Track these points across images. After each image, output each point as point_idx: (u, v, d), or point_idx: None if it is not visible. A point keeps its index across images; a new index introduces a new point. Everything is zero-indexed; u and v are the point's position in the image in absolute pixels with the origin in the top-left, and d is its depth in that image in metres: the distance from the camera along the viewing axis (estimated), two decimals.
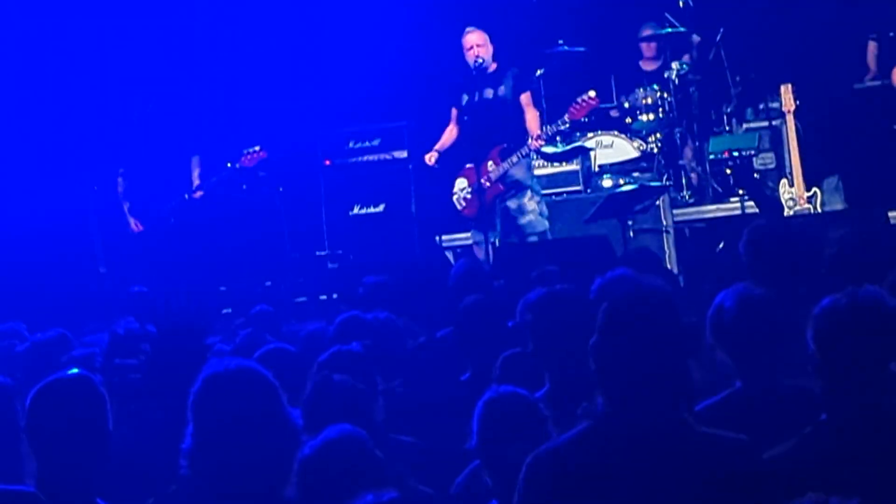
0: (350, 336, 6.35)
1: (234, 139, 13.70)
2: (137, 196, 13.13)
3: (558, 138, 12.83)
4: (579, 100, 12.32)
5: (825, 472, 4.09)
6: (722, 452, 4.02)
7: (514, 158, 12.40)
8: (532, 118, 12.43)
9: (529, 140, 12.26)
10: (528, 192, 12.36)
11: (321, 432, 4.41)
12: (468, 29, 12.33)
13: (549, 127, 12.44)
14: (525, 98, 12.40)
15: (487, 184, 12.24)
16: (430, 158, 12.62)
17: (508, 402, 4.78)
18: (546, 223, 12.35)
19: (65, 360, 5.90)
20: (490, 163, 12.32)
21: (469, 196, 12.34)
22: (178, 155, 13.16)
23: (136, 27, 13.94)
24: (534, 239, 12.20)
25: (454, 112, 12.61)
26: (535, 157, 12.98)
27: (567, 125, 12.44)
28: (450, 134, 12.69)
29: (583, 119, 12.64)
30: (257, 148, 12.96)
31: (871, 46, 13.44)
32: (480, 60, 12.19)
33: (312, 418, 4.68)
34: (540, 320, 5.53)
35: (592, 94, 12.24)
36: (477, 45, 12.24)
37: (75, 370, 4.52)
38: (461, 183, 12.49)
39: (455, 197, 12.54)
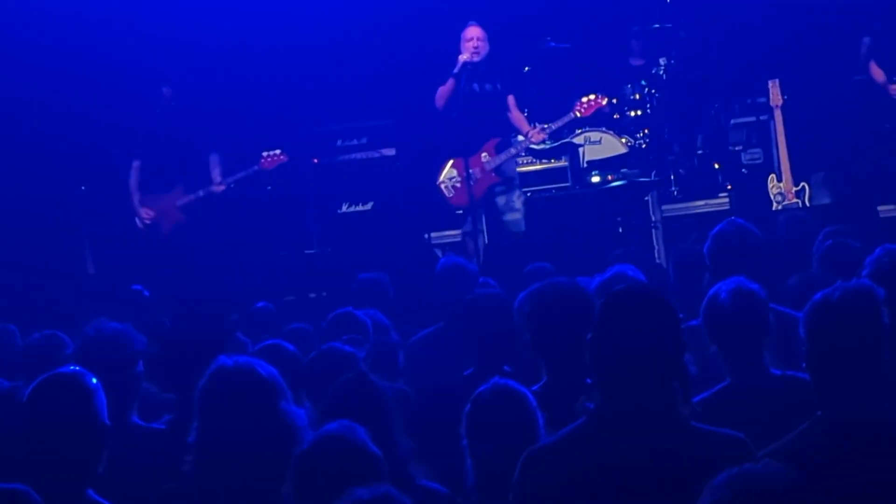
0: (342, 332, 6.34)
1: (222, 138, 13.69)
2: (152, 188, 13.10)
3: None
4: (584, 99, 12.36)
5: (823, 469, 4.06)
6: (718, 450, 4.00)
7: (513, 151, 12.42)
8: (519, 118, 12.46)
9: (530, 133, 12.24)
10: (517, 191, 12.37)
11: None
12: (471, 22, 12.33)
13: (552, 123, 12.46)
14: (511, 100, 12.41)
15: (481, 174, 12.22)
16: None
17: (498, 397, 4.76)
18: (524, 224, 12.33)
19: (61, 359, 5.89)
20: (485, 154, 12.30)
21: (458, 185, 12.30)
22: (191, 150, 13.16)
23: (131, 28, 13.90)
24: (507, 238, 12.17)
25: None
26: (522, 153, 12.99)
27: (571, 118, 12.46)
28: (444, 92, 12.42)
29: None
30: (278, 151, 12.98)
31: (865, 42, 13.42)
32: (477, 53, 12.15)
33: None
34: (538, 312, 5.51)
35: (598, 96, 12.30)
36: (478, 38, 12.25)
37: (74, 367, 4.55)
38: (450, 171, 12.42)
39: (443, 185, 12.46)
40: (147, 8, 13.87)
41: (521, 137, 12.64)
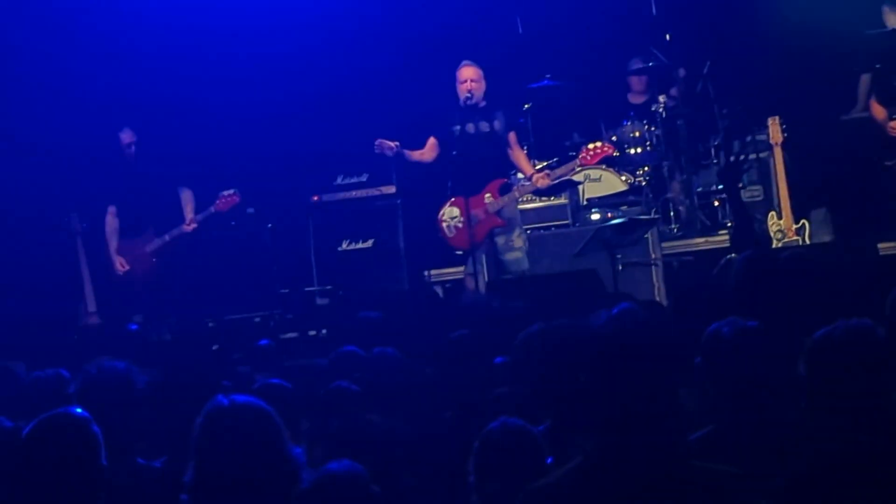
0: (346, 371, 6.34)
1: (221, 175, 13.72)
2: (128, 233, 13.19)
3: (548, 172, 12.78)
4: (591, 146, 12.40)
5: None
6: (714, 486, 4.00)
7: (517, 194, 12.42)
8: (520, 157, 12.46)
9: (535, 178, 12.25)
10: (517, 230, 12.37)
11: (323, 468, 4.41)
12: (464, 62, 12.36)
13: (556, 169, 12.50)
14: (512, 137, 12.42)
15: (483, 216, 12.22)
16: (393, 146, 12.45)
17: (507, 435, 4.76)
18: (527, 262, 12.33)
19: (64, 398, 5.90)
20: (488, 195, 12.30)
21: (460, 225, 12.30)
22: (168, 190, 13.26)
23: (122, 61, 13.95)
24: (510, 276, 12.15)
25: (433, 141, 12.52)
26: (528, 193, 13.00)
27: (577, 170, 12.55)
28: (421, 156, 12.58)
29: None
30: (231, 191, 13.06)
31: (864, 79, 13.45)
32: (471, 95, 12.22)
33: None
34: (540, 354, 5.49)
35: (604, 144, 12.41)
36: (472, 79, 12.28)
37: (74, 407, 4.57)
38: (452, 211, 12.42)
39: (444, 224, 12.46)
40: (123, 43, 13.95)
41: (521, 176, 12.64)
